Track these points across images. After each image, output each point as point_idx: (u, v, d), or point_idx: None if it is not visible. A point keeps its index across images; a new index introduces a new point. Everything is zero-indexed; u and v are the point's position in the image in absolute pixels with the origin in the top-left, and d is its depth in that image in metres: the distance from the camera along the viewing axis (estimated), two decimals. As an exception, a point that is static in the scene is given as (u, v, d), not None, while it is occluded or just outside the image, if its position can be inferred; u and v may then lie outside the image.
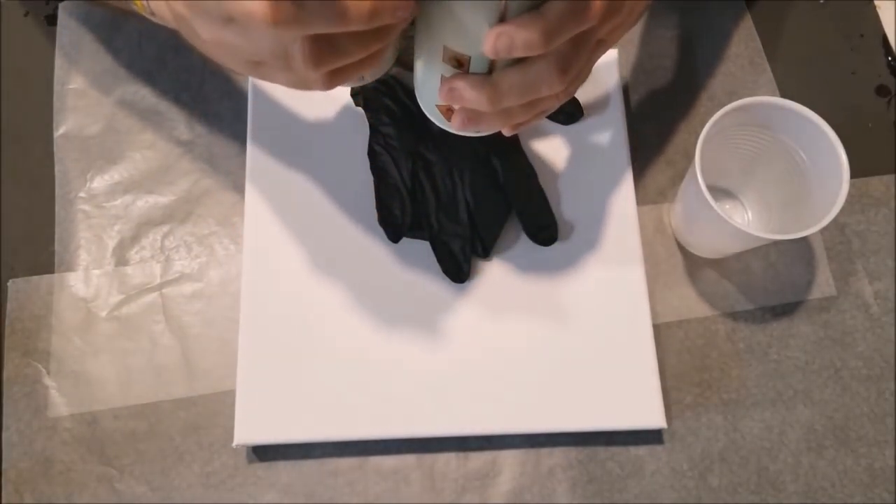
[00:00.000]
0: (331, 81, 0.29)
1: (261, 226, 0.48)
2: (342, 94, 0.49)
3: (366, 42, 0.28)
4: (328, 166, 0.49)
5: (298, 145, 0.49)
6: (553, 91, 0.31)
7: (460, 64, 0.31)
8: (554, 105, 0.34)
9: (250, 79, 0.51)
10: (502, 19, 0.28)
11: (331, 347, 0.45)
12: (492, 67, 0.31)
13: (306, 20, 0.25)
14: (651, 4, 0.38)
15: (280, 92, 0.50)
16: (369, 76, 0.38)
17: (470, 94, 0.31)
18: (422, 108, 0.37)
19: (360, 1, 0.25)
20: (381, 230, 0.47)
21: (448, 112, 0.35)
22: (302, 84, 0.30)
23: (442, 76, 0.32)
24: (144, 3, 0.37)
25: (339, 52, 0.28)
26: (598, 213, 0.48)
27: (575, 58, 0.30)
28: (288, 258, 0.47)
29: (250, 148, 0.49)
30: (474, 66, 0.31)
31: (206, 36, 0.28)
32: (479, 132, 0.36)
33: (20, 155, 0.52)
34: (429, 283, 0.47)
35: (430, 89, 0.34)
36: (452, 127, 0.36)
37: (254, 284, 0.46)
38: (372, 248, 0.47)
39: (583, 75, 0.33)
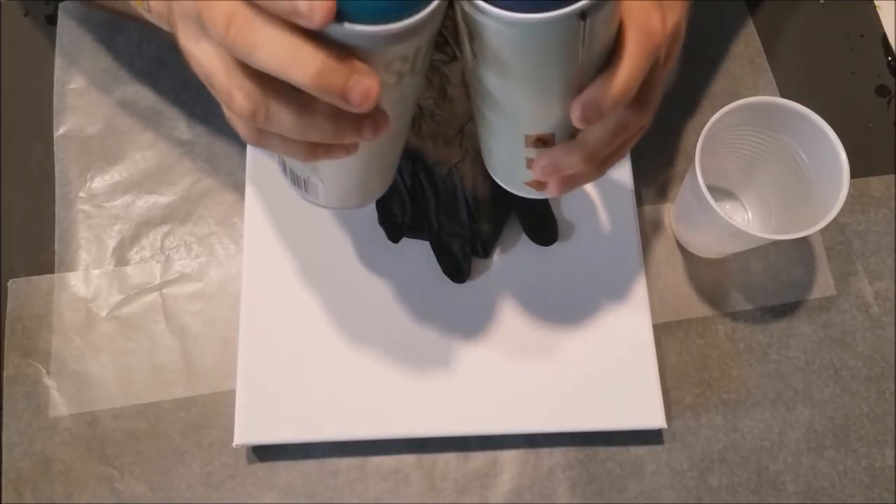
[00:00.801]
0: (255, 138, 0.28)
1: (261, 226, 0.48)
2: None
3: (305, 126, 0.26)
4: (328, 166, 0.49)
5: (298, 145, 0.49)
6: (639, 125, 0.30)
7: (545, 142, 0.30)
8: (640, 135, 0.33)
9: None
10: (580, 87, 0.27)
11: (331, 347, 0.45)
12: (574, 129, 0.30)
13: (254, 48, 0.24)
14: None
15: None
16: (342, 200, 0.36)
17: (566, 163, 0.31)
18: (506, 188, 0.36)
19: (311, 57, 0.24)
20: (381, 230, 0.47)
21: (539, 184, 0.34)
22: (231, 121, 0.29)
23: (527, 158, 0.32)
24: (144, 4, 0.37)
25: (273, 119, 0.26)
26: (598, 214, 0.48)
27: (651, 87, 0.30)
28: (288, 258, 0.47)
29: (250, 148, 0.49)
30: (559, 137, 0.30)
31: (182, 44, 0.28)
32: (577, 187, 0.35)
33: (20, 155, 0.52)
34: (429, 283, 0.47)
35: (517, 171, 0.33)
36: (549, 195, 0.34)
37: (254, 284, 0.46)
38: (372, 248, 0.47)
39: (659, 96, 0.32)
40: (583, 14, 0.24)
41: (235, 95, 0.26)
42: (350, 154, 0.28)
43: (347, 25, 0.24)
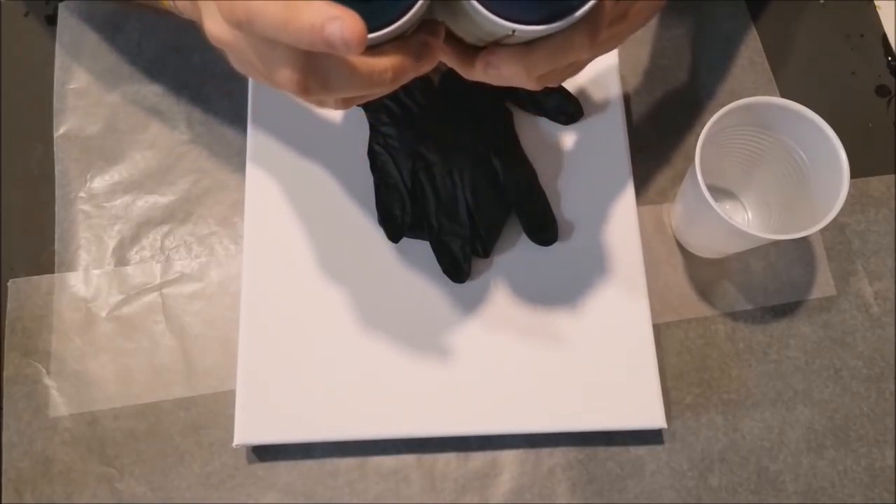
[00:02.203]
0: (349, 104, 0.31)
1: (261, 226, 0.48)
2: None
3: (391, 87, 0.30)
4: (328, 166, 0.49)
5: (299, 146, 0.49)
6: (522, 85, 0.32)
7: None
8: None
9: (251, 78, 0.51)
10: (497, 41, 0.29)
11: (331, 347, 0.45)
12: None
13: (334, 90, 0.27)
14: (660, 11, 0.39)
15: (280, 93, 0.50)
16: None
17: (449, 60, 0.33)
18: None
19: (382, 68, 0.27)
20: (381, 230, 0.47)
21: None
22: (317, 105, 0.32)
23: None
24: (171, 3, 0.37)
25: (366, 96, 0.30)
26: (598, 213, 0.48)
27: (552, 73, 0.32)
28: (288, 258, 0.47)
29: (250, 148, 0.49)
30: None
31: (240, 69, 0.30)
32: None
33: (20, 155, 0.52)
34: (429, 283, 0.47)
35: None
36: None
37: (254, 284, 0.46)
38: (372, 248, 0.47)
39: (563, 78, 0.34)
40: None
41: (321, 101, 0.29)
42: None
43: (389, 30, 0.26)
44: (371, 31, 0.26)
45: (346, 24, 0.23)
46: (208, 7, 0.28)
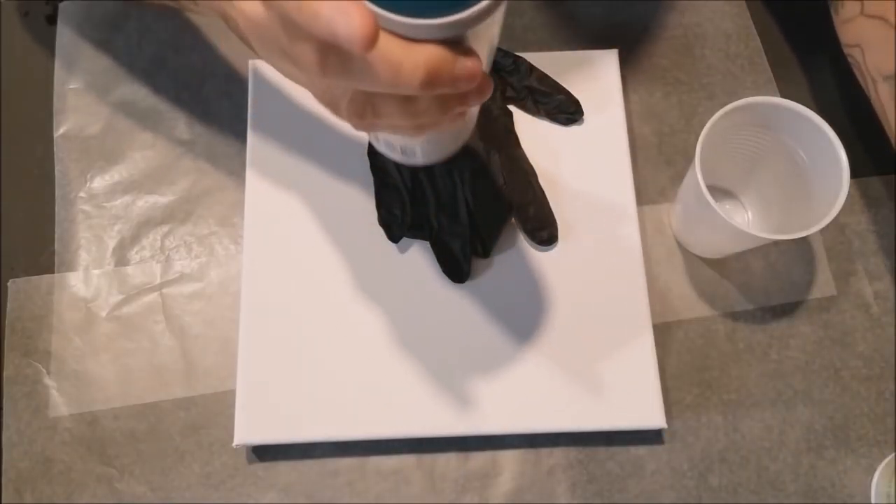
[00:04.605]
0: (364, 128, 0.29)
1: (261, 226, 0.48)
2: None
3: (413, 113, 0.27)
4: (328, 166, 0.49)
5: (299, 145, 0.49)
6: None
7: None
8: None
9: (250, 78, 0.51)
10: None
11: (331, 347, 0.45)
12: None
13: (354, 78, 0.25)
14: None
15: (280, 92, 0.50)
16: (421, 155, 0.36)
17: None
18: None
19: (413, 65, 0.23)
20: (381, 230, 0.47)
21: None
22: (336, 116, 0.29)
23: None
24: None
25: (382, 117, 0.27)
26: (598, 213, 0.48)
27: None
28: (288, 258, 0.47)
29: (250, 148, 0.49)
30: None
31: (273, 65, 0.28)
32: None
33: (20, 155, 0.52)
34: (429, 283, 0.47)
35: None
36: None
37: (254, 284, 0.46)
38: (372, 248, 0.47)
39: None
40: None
41: (340, 105, 0.27)
42: (458, 122, 0.29)
43: (425, 22, 0.23)
44: (407, 15, 0.23)
45: (351, 23, 0.21)
46: None
